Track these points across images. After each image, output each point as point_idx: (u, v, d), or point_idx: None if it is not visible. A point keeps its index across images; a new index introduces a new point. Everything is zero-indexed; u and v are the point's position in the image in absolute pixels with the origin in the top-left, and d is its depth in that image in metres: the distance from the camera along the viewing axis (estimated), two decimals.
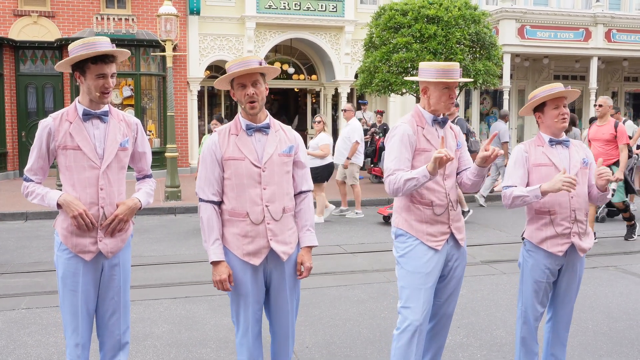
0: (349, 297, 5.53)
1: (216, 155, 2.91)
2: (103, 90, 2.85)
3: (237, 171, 2.88)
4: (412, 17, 11.92)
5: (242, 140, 2.91)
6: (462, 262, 3.30)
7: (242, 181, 2.88)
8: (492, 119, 18.53)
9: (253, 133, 2.93)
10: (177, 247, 7.74)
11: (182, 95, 16.30)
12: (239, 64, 2.85)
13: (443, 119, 3.18)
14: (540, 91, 3.32)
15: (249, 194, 2.88)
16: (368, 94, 14.61)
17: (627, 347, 4.34)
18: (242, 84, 2.87)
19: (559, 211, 3.29)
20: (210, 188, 2.92)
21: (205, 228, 2.91)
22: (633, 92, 20.36)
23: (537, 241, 3.34)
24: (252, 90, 2.86)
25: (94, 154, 2.87)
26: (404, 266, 3.18)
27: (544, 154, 3.32)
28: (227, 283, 2.87)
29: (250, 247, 2.89)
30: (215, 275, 2.88)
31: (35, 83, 15.26)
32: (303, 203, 3.07)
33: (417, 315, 3.10)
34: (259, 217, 2.89)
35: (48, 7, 15.25)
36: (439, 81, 3.06)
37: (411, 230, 3.15)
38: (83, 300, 2.93)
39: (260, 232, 2.89)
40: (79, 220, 2.82)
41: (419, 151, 3.11)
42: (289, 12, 16.54)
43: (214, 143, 2.92)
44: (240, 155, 2.89)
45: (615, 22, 16.01)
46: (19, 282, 6.02)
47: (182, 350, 4.27)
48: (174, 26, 11.16)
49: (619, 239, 8.33)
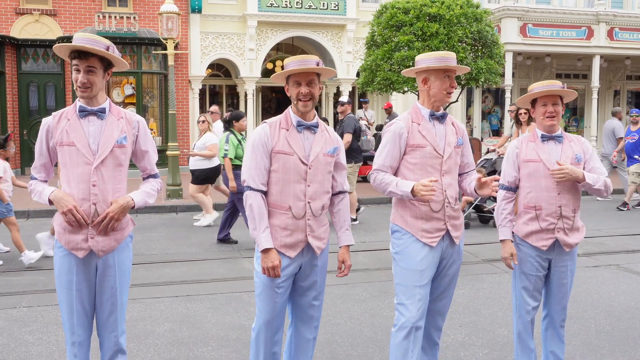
0: (351, 295, 5.52)
1: (267, 146, 2.97)
2: (78, 84, 2.82)
3: (285, 165, 2.96)
4: (414, 15, 11.90)
5: (292, 136, 2.99)
6: (457, 260, 3.28)
7: (289, 176, 2.96)
8: (493, 118, 18.51)
9: (303, 130, 3.01)
10: (178, 245, 7.74)
11: (183, 93, 16.29)
12: (297, 62, 2.94)
13: (442, 113, 3.18)
14: (535, 86, 3.39)
15: (294, 189, 2.97)
16: (370, 92, 14.58)
17: (630, 346, 4.33)
18: (297, 81, 2.96)
19: (545, 207, 3.34)
20: (260, 177, 2.98)
21: (256, 216, 2.96)
22: (635, 91, 20.31)
23: (523, 235, 3.41)
24: (307, 89, 2.96)
25: (87, 150, 2.85)
26: (399, 263, 3.20)
27: (534, 150, 3.38)
28: (278, 269, 2.94)
29: (288, 239, 2.99)
30: (266, 262, 2.93)
31: (36, 81, 15.27)
32: (342, 203, 3.21)
33: (412, 312, 3.10)
34: (300, 212, 2.99)
35: (50, 6, 15.25)
36: (440, 67, 3.05)
37: (406, 227, 3.16)
38: (78, 298, 2.91)
39: (300, 226, 3.00)
40: (69, 216, 2.79)
41: (413, 147, 3.11)
42: (290, 11, 16.53)
43: (265, 134, 2.98)
44: (289, 150, 2.97)
45: (618, 20, 15.96)
46: (20, 280, 6.02)
47: (183, 349, 4.27)
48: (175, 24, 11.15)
49: (622, 237, 8.31)
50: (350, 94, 17.61)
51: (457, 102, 14.11)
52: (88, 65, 2.80)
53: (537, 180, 3.34)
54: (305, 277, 3.12)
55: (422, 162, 3.10)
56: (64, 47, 2.81)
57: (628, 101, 20.13)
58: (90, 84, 2.83)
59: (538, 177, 3.34)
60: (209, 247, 7.67)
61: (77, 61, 2.81)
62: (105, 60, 2.87)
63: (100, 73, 2.85)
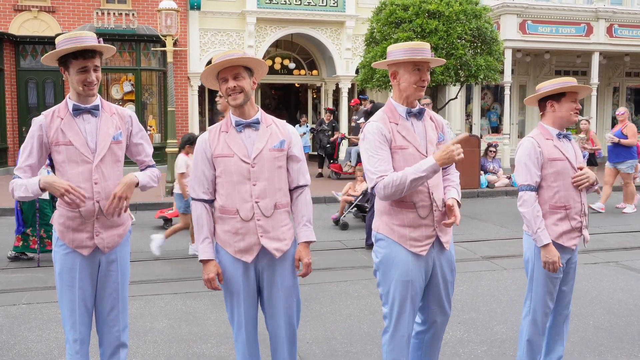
0: (350, 292, 5.53)
1: (206, 153, 2.90)
2: (85, 83, 2.82)
3: (227, 168, 2.87)
4: (413, 12, 11.89)
5: (231, 137, 2.90)
6: (450, 265, 3.05)
7: (232, 178, 2.87)
8: (493, 114, 18.51)
9: (243, 129, 2.90)
10: (177, 242, 7.74)
11: (182, 90, 16.28)
12: (218, 59, 2.84)
13: (419, 109, 2.94)
14: (555, 82, 3.31)
15: (239, 191, 2.86)
16: (369, 89, 14.58)
17: (628, 343, 4.34)
18: (224, 78, 2.86)
19: (573, 205, 3.32)
20: (200, 186, 2.92)
21: (196, 226, 2.94)
22: (635, 88, 20.31)
23: (554, 236, 3.30)
24: (233, 83, 2.83)
25: (86, 149, 2.85)
26: (385, 273, 2.95)
27: (556, 148, 3.32)
28: (215, 282, 2.89)
29: (241, 244, 2.89)
30: (204, 274, 2.91)
31: (35, 78, 15.24)
32: (299, 198, 3.01)
33: (402, 323, 2.93)
34: (248, 214, 2.86)
35: (48, 2, 15.22)
36: (408, 60, 2.81)
37: (392, 235, 2.92)
38: (80, 296, 2.92)
39: (250, 228, 2.87)
40: (69, 196, 2.71)
41: (394, 149, 2.86)
42: (289, 7, 16.51)
43: (204, 141, 2.92)
44: (229, 152, 2.87)
45: (617, 17, 15.95)
46: (20, 277, 6.02)
47: (182, 346, 4.28)
48: (174, 21, 11.14)
49: (620, 234, 8.33)
50: (349, 91, 17.61)
51: (456, 99, 14.11)
52: (95, 62, 2.83)
53: (565, 179, 3.29)
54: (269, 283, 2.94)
55: (405, 165, 2.84)
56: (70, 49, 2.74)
57: (627, 98, 20.14)
58: (97, 81, 2.86)
59: (566, 176, 3.29)
60: None
61: (83, 61, 2.79)
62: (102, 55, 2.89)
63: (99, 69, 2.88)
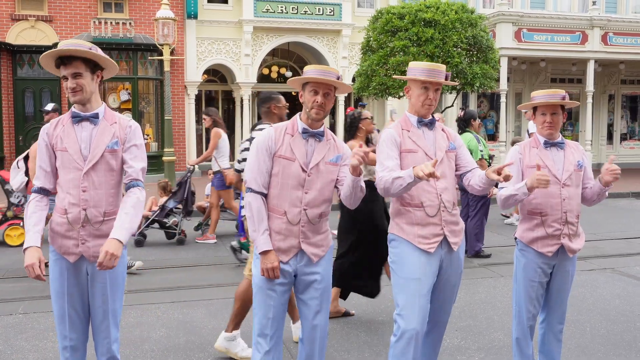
0: (347, 299, 5.53)
1: (270, 149, 2.98)
2: (69, 90, 2.84)
3: (285, 171, 2.96)
4: (409, 20, 11.95)
5: (296, 142, 2.99)
6: (457, 268, 3.21)
7: (288, 181, 2.96)
8: (489, 122, 18.57)
9: (307, 138, 3.01)
10: (175, 251, 7.74)
11: (179, 99, 16.31)
12: (319, 71, 2.93)
13: (430, 120, 3.18)
14: (538, 94, 3.39)
15: (290, 195, 2.96)
16: (366, 97, 14.63)
17: (625, 349, 4.35)
18: (315, 90, 2.95)
19: (551, 213, 3.33)
20: (262, 179, 2.99)
21: (255, 218, 2.98)
22: (630, 95, 20.41)
23: (528, 241, 3.39)
24: (322, 99, 2.94)
25: (79, 156, 2.85)
26: (397, 272, 3.14)
27: (537, 156, 3.35)
28: (278, 270, 2.95)
29: (282, 244, 2.98)
30: (265, 263, 2.94)
31: (32, 87, 15.26)
32: None
33: (412, 323, 3.03)
34: (295, 219, 2.97)
35: (45, 12, 15.26)
36: (417, 79, 3.08)
37: (402, 234, 3.12)
38: (69, 302, 2.91)
39: (293, 232, 2.98)
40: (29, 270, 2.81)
41: (404, 152, 3.11)
42: (286, 16, 16.57)
43: (270, 138, 2.99)
44: (291, 156, 2.97)
45: (612, 25, 16.06)
46: (17, 287, 6.00)
47: (179, 355, 4.26)
48: (171, 30, 11.19)
49: (617, 240, 8.35)
50: (346, 99, 17.66)
51: (452, 106, 14.16)
52: (73, 69, 2.81)
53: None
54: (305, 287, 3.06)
55: None
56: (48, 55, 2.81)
57: (622, 105, 20.23)
58: (79, 87, 2.82)
59: None
60: (205, 253, 7.67)
61: (62, 68, 2.82)
62: (90, 62, 2.85)
63: (87, 75, 2.84)
